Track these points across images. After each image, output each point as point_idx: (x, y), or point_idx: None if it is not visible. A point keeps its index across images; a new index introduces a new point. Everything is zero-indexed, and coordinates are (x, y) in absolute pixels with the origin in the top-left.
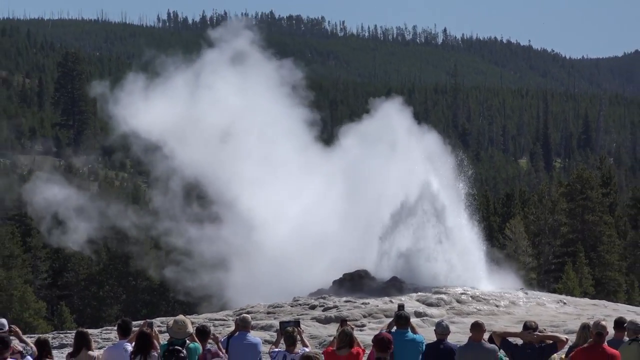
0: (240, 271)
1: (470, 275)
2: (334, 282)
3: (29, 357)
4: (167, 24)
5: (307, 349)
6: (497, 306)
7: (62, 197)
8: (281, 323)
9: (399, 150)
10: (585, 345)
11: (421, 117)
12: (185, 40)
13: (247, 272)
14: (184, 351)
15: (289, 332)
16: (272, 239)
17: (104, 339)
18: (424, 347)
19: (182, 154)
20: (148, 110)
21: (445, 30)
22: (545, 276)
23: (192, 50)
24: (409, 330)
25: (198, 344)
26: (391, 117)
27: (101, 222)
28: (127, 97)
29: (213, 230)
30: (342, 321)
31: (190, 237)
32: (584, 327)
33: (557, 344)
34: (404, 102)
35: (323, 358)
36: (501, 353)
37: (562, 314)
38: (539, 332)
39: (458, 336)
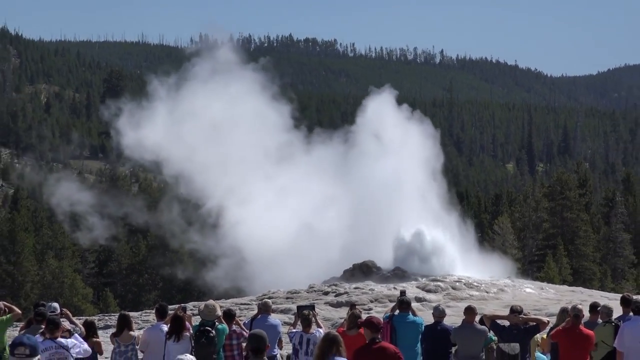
0: (259, 263)
1: (464, 266)
2: (345, 271)
3: (76, 334)
4: (199, 45)
5: (321, 330)
6: (487, 292)
7: (77, 197)
8: (298, 307)
9: (388, 143)
10: (564, 326)
11: None
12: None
13: (266, 264)
14: (213, 331)
15: (305, 315)
16: (285, 235)
17: (144, 320)
18: (423, 327)
19: (182, 165)
20: (145, 132)
21: (442, 51)
22: (529, 266)
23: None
24: (410, 313)
25: (225, 326)
26: (377, 110)
27: (113, 220)
28: (127, 120)
29: (228, 232)
30: (352, 305)
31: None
32: (563, 311)
33: (539, 325)
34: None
35: (340, 336)
36: (491, 333)
37: (543, 299)
38: (524, 315)
39: (453, 318)
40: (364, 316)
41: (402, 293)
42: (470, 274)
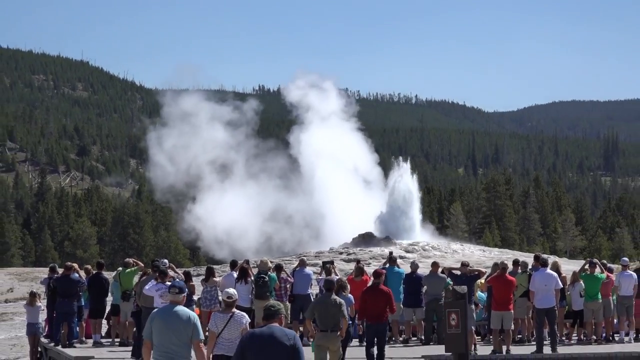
0: (294, 232)
1: (430, 235)
2: (353, 238)
3: (178, 279)
4: (259, 92)
5: (337, 277)
6: (446, 252)
7: None
8: (323, 262)
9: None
10: (495, 274)
11: (402, 146)
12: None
13: (300, 233)
14: (267, 278)
15: (327, 267)
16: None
17: (222, 270)
18: (404, 276)
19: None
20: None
21: (416, 95)
22: (473, 235)
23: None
24: (396, 266)
25: (275, 275)
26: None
27: None
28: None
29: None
30: (358, 261)
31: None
32: (495, 264)
33: (480, 274)
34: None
35: (347, 281)
36: (448, 280)
37: (482, 257)
38: (470, 267)
39: (423, 270)
40: (365, 268)
41: (391, 253)
42: (435, 240)
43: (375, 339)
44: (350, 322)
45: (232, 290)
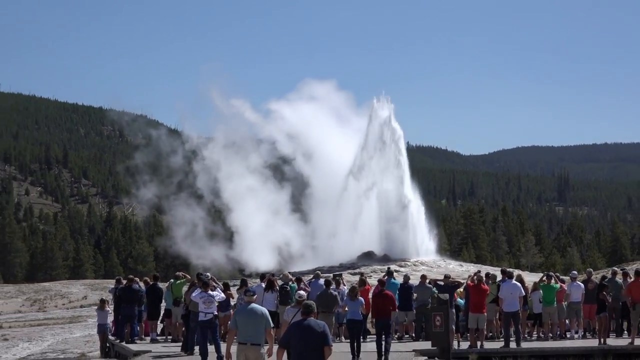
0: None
1: (420, 253)
2: (358, 256)
3: (218, 289)
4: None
5: (345, 287)
6: (432, 267)
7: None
8: (334, 274)
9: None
10: (473, 283)
11: None
12: None
13: (316, 248)
14: (289, 287)
15: (337, 279)
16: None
17: (253, 282)
18: (399, 285)
19: None
20: None
21: (407, 142)
22: (454, 254)
23: None
24: (393, 278)
25: (295, 285)
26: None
27: None
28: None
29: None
30: (361, 274)
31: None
32: (470, 276)
33: (459, 284)
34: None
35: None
36: (434, 289)
37: (461, 270)
38: (451, 279)
39: (414, 280)
40: (368, 280)
41: (389, 268)
42: (423, 257)
43: (383, 331)
44: (363, 318)
45: (303, 292)
